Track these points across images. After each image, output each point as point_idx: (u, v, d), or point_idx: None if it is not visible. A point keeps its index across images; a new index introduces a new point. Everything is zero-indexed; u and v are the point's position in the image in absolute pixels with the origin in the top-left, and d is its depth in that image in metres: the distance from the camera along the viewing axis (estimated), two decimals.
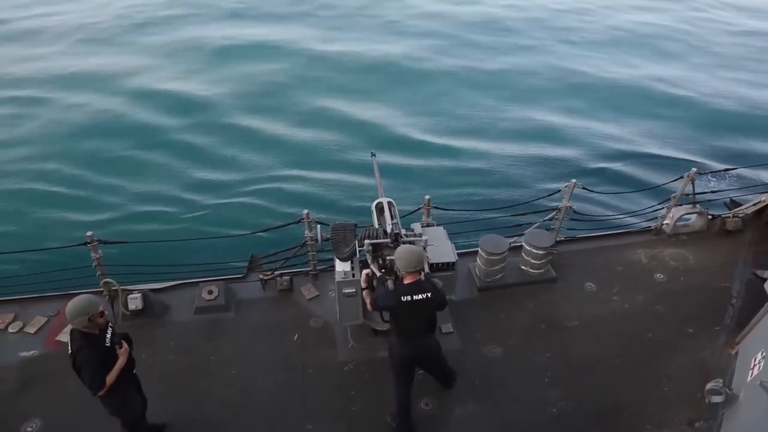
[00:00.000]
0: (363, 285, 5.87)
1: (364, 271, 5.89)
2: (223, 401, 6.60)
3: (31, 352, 7.21)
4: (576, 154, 15.73)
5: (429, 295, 5.41)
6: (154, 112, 17.87)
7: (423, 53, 22.46)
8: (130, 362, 5.35)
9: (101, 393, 5.02)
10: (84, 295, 5.03)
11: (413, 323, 5.56)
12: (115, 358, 5.09)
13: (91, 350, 4.91)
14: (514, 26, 25.87)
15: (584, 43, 24.25)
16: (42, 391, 6.69)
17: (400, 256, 5.39)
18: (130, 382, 5.44)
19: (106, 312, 5.08)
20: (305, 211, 7.68)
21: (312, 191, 14.05)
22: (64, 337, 7.31)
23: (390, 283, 5.50)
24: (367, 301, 5.78)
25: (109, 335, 5.12)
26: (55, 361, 6.95)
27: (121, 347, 5.16)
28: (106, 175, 14.66)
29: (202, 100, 18.59)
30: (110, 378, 5.01)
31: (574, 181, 8.44)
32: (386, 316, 5.69)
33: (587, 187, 8.81)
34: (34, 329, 7.51)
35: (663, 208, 9.28)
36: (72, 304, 4.90)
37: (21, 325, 7.56)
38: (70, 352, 4.97)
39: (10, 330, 7.50)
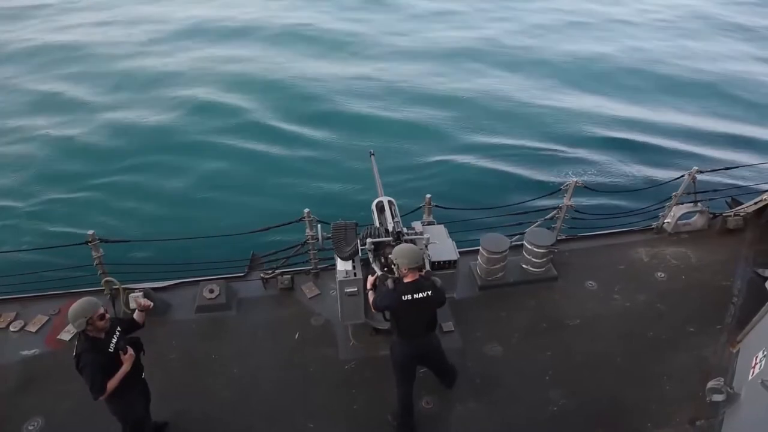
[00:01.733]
0: (368, 287, 5.89)
1: (370, 276, 5.91)
2: (224, 400, 6.61)
3: (33, 351, 7.22)
4: (576, 152, 15.71)
5: (429, 293, 5.43)
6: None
7: None
8: (137, 368, 5.31)
9: (101, 398, 4.99)
10: (84, 298, 4.97)
11: (414, 322, 5.57)
12: (119, 363, 5.04)
13: (94, 354, 4.87)
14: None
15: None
16: (43, 390, 6.69)
17: (401, 254, 5.40)
18: (135, 387, 5.37)
19: (107, 315, 5.00)
20: (306, 210, 7.69)
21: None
22: (66, 335, 7.34)
23: (390, 283, 5.51)
24: (370, 302, 5.79)
25: (114, 341, 5.05)
26: (56, 359, 6.96)
27: (125, 353, 5.08)
28: None
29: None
30: (111, 384, 4.97)
31: (575, 179, 8.44)
32: (387, 315, 5.70)
33: (588, 186, 8.80)
34: (36, 328, 7.51)
35: (664, 206, 9.27)
36: (72, 307, 4.86)
37: (22, 323, 7.56)
38: (74, 353, 4.95)
39: (11, 329, 7.50)
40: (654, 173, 14.31)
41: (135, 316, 5.51)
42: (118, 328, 5.21)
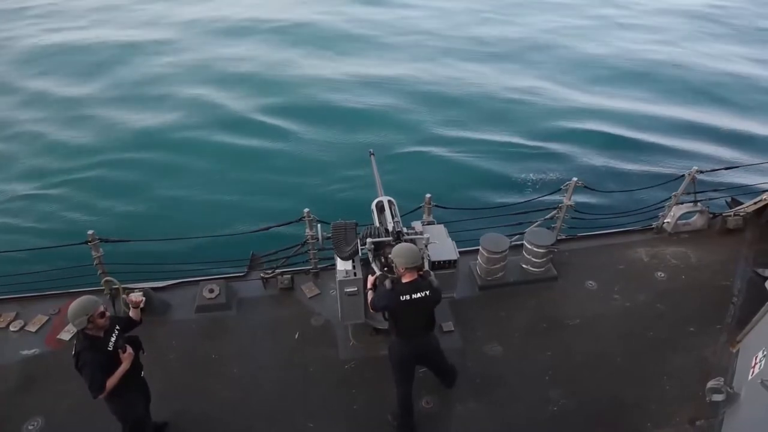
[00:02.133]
0: (368, 287, 5.88)
1: (370, 276, 5.91)
2: (224, 399, 6.61)
3: (33, 351, 7.22)
4: (576, 152, 15.71)
5: (427, 293, 5.43)
6: None
7: None
8: (137, 367, 5.31)
9: (101, 396, 4.98)
10: (84, 296, 4.99)
11: (413, 322, 5.57)
12: (119, 362, 5.04)
13: (93, 353, 4.87)
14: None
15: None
16: (43, 390, 6.69)
17: (399, 253, 5.40)
18: (135, 387, 5.37)
19: (108, 313, 5.02)
20: (306, 210, 7.68)
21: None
22: (65, 335, 7.34)
23: (388, 283, 5.50)
24: (369, 302, 5.78)
25: (113, 339, 5.05)
26: (56, 359, 6.96)
27: (124, 352, 5.08)
28: None
29: None
30: (111, 382, 4.96)
31: (575, 179, 8.43)
32: (386, 315, 5.69)
33: (588, 186, 8.79)
34: (35, 328, 7.51)
35: (664, 206, 9.27)
36: (72, 305, 4.86)
37: (22, 323, 7.56)
38: (74, 352, 4.94)
39: (11, 329, 7.50)
40: (653, 173, 14.31)
41: (130, 313, 5.53)
42: (117, 327, 5.21)
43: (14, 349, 7.25)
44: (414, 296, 5.38)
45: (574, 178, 8.44)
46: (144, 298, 5.63)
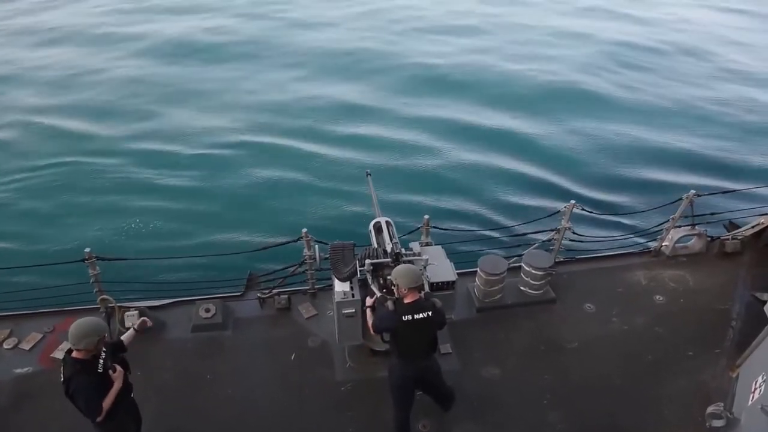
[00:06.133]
0: (368, 308, 5.85)
1: (369, 298, 5.89)
2: (219, 419, 6.54)
3: (26, 369, 7.15)
4: (573, 175, 15.76)
5: (430, 314, 5.40)
6: None
7: None
8: (127, 388, 5.25)
9: (101, 419, 4.90)
10: (90, 318, 4.95)
11: (414, 343, 5.54)
12: (110, 383, 4.99)
13: (85, 376, 4.80)
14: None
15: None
16: (36, 408, 6.62)
17: (401, 274, 5.40)
18: (125, 409, 5.29)
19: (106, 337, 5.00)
20: (304, 230, 7.67)
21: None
22: (59, 354, 7.25)
23: (390, 304, 5.48)
24: (369, 324, 5.74)
25: (101, 361, 4.98)
26: (49, 378, 6.87)
27: (114, 371, 5.04)
28: None
29: None
30: (107, 403, 4.90)
31: (573, 201, 8.46)
32: (386, 336, 5.65)
33: (586, 209, 8.81)
34: (29, 346, 7.45)
35: (662, 229, 9.28)
36: (82, 324, 4.80)
37: (16, 341, 7.50)
38: (62, 379, 4.85)
39: (4, 346, 7.44)
40: (651, 196, 14.34)
41: (125, 336, 5.51)
42: (104, 349, 5.14)
43: (7, 367, 7.19)
44: (416, 317, 5.36)
45: (573, 201, 8.47)
46: (151, 324, 5.60)
